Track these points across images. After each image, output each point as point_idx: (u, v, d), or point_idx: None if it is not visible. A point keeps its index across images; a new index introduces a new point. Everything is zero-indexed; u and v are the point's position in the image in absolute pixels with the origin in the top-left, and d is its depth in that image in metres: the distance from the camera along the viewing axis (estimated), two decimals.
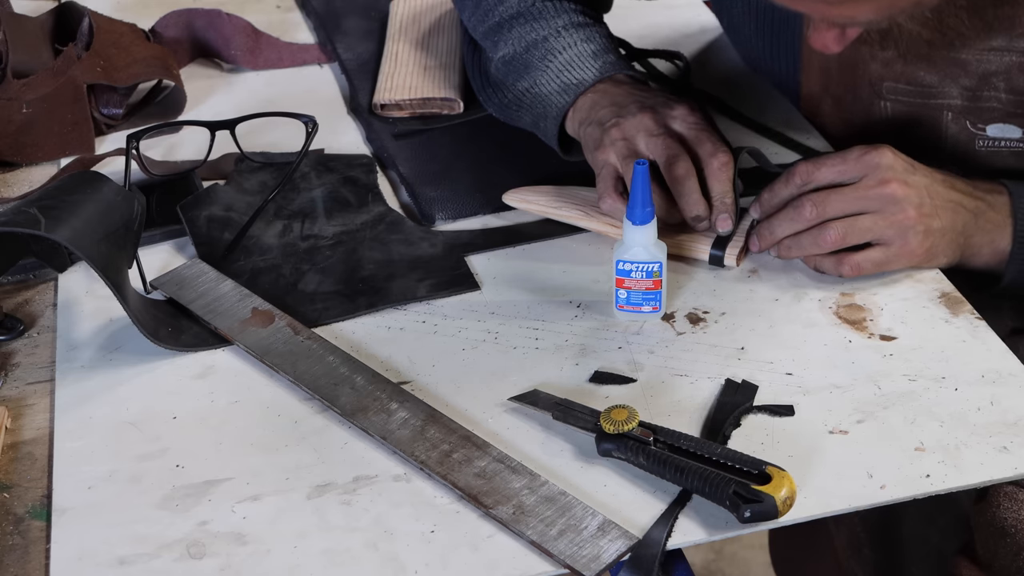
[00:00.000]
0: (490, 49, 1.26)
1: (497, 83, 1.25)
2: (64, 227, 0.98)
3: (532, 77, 1.19)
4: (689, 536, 0.88)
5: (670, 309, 1.07)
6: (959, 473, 0.91)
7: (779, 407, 0.97)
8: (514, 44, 1.22)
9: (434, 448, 0.94)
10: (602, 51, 1.19)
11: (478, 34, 1.29)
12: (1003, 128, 1.13)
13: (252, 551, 0.88)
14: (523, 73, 1.21)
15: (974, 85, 1.11)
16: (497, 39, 1.24)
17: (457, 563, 0.87)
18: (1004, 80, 1.10)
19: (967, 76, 1.11)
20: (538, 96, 1.19)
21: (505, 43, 1.23)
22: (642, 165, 1.00)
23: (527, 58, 1.21)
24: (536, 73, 1.19)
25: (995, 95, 1.11)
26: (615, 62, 1.18)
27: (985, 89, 1.11)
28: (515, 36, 1.22)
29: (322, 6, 1.55)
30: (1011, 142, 1.13)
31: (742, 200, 1.11)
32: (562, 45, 1.19)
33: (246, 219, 1.17)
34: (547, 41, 1.20)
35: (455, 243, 1.15)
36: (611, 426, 0.92)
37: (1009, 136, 1.13)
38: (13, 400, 1.02)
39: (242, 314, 1.07)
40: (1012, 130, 1.12)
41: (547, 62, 1.19)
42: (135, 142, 1.20)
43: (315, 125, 1.24)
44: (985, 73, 1.10)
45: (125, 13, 1.48)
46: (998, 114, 1.12)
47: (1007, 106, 1.11)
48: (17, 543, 0.90)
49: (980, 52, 1.09)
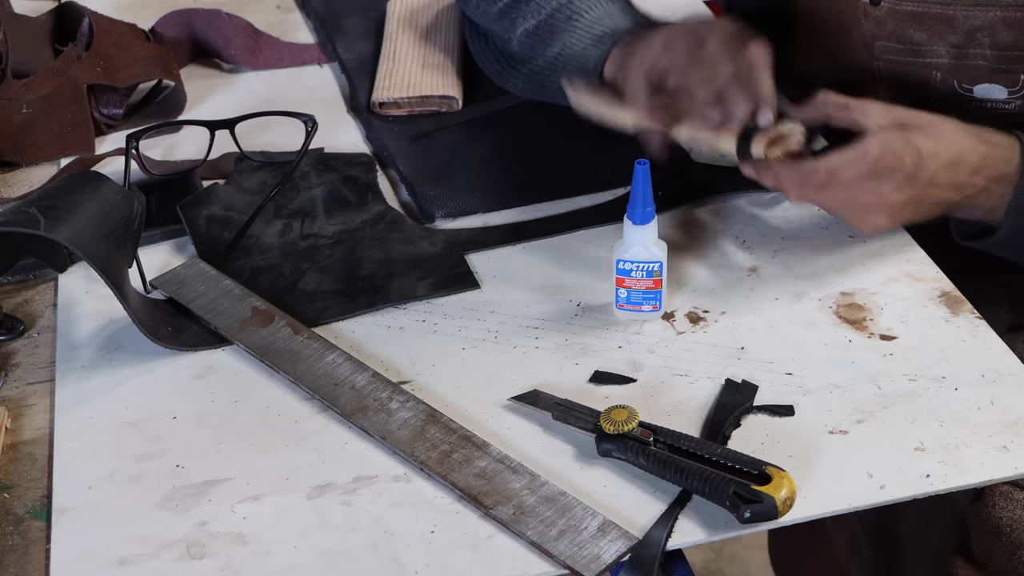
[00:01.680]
0: (507, 29, 1.25)
1: (524, 58, 1.24)
2: (64, 227, 0.98)
3: (560, 40, 1.19)
4: (689, 536, 0.88)
5: (670, 308, 1.07)
6: (959, 473, 0.91)
7: (779, 407, 0.97)
8: (534, 15, 1.21)
9: (434, 448, 0.94)
10: (628, 7, 1.19)
11: (489, 18, 1.28)
12: (988, 88, 1.15)
13: (252, 551, 0.88)
14: (550, 39, 1.20)
15: (960, 42, 1.14)
16: (515, 15, 1.23)
17: (457, 563, 0.87)
18: (989, 35, 1.13)
19: (954, 32, 1.14)
20: (572, 56, 1.18)
21: (524, 17, 1.22)
22: (643, 165, 1.00)
23: (552, 23, 1.20)
24: (564, 35, 1.18)
25: (980, 52, 1.14)
26: (645, 16, 1.18)
27: (971, 46, 1.14)
28: (533, 8, 1.21)
29: (322, 6, 1.55)
30: (996, 103, 1.16)
31: None
32: (587, 5, 1.19)
33: (246, 218, 1.17)
34: (571, 4, 1.19)
35: (455, 242, 1.15)
36: (611, 426, 0.92)
37: (994, 97, 1.16)
38: (13, 400, 1.02)
39: (242, 314, 1.07)
40: (998, 90, 1.15)
41: (573, 23, 1.18)
42: (135, 142, 1.20)
43: (315, 124, 1.24)
44: (971, 28, 1.13)
45: (125, 13, 1.47)
46: (983, 72, 1.14)
47: (991, 62, 1.14)
48: (17, 543, 0.90)
49: (967, 7, 1.12)
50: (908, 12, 1.15)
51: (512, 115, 1.30)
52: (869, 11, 1.17)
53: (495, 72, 1.30)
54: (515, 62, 1.26)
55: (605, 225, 1.15)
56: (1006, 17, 1.12)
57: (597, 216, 1.17)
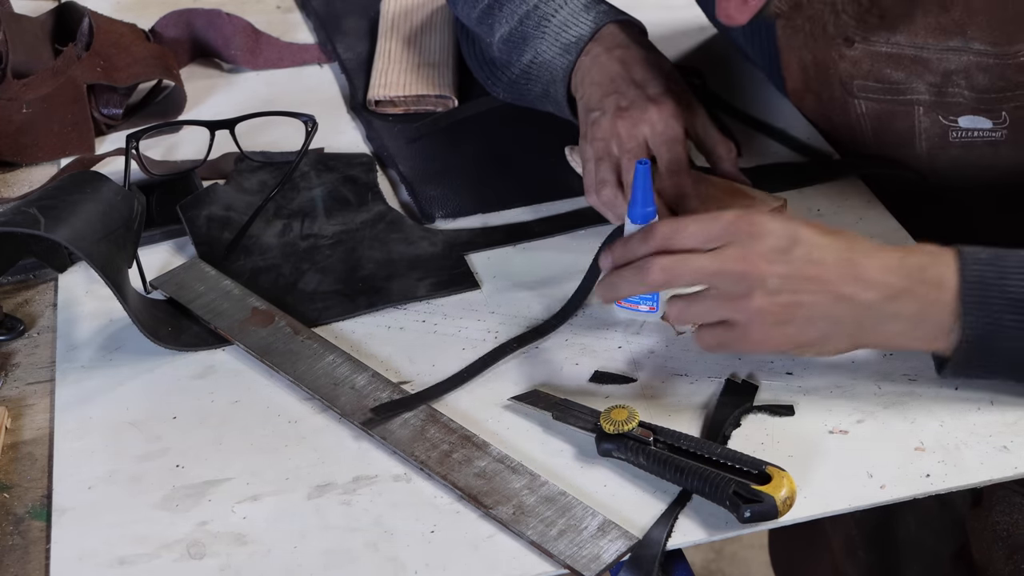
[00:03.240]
0: (487, 33, 1.26)
1: (503, 64, 1.25)
2: (64, 227, 0.98)
3: (533, 47, 1.19)
4: (689, 536, 0.88)
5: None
6: (959, 473, 0.91)
7: (779, 407, 0.97)
8: (507, 20, 1.22)
9: (434, 448, 0.94)
10: (592, 3, 1.19)
11: (472, 22, 1.29)
12: (973, 120, 1.11)
13: (252, 551, 0.88)
14: (523, 46, 1.20)
15: (938, 82, 1.11)
16: (492, 21, 1.24)
17: (457, 563, 0.87)
18: (964, 78, 1.09)
19: (931, 73, 1.11)
20: (543, 64, 1.18)
21: (499, 22, 1.23)
22: (644, 165, 1.00)
23: (523, 30, 1.21)
24: (535, 42, 1.19)
25: (959, 91, 1.10)
26: (607, 11, 1.18)
27: (949, 86, 1.10)
28: (507, 12, 1.22)
29: (322, 6, 1.55)
30: (983, 132, 1.12)
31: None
32: (553, 8, 1.19)
33: (246, 219, 1.17)
34: (538, 9, 1.20)
35: (455, 242, 1.15)
36: (611, 426, 0.92)
37: (980, 127, 1.12)
38: (13, 400, 1.02)
39: (242, 314, 1.07)
40: (982, 121, 1.11)
41: (543, 28, 1.19)
42: (135, 142, 1.20)
43: (315, 124, 1.24)
44: (947, 71, 1.10)
45: (125, 13, 1.48)
46: (966, 108, 1.11)
47: (971, 102, 1.10)
48: (17, 543, 0.90)
49: (939, 52, 1.09)
50: (883, 53, 1.11)
51: (512, 115, 1.30)
52: (844, 52, 1.14)
53: (483, 78, 1.30)
54: (496, 68, 1.26)
55: (605, 225, 1.15)
56: (979, 62, 1.07)
57: (597, 216, 1.17)
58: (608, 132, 1.09)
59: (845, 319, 0.91)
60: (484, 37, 1.27)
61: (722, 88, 1.35)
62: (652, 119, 1.09)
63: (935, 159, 1.15)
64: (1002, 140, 1.12)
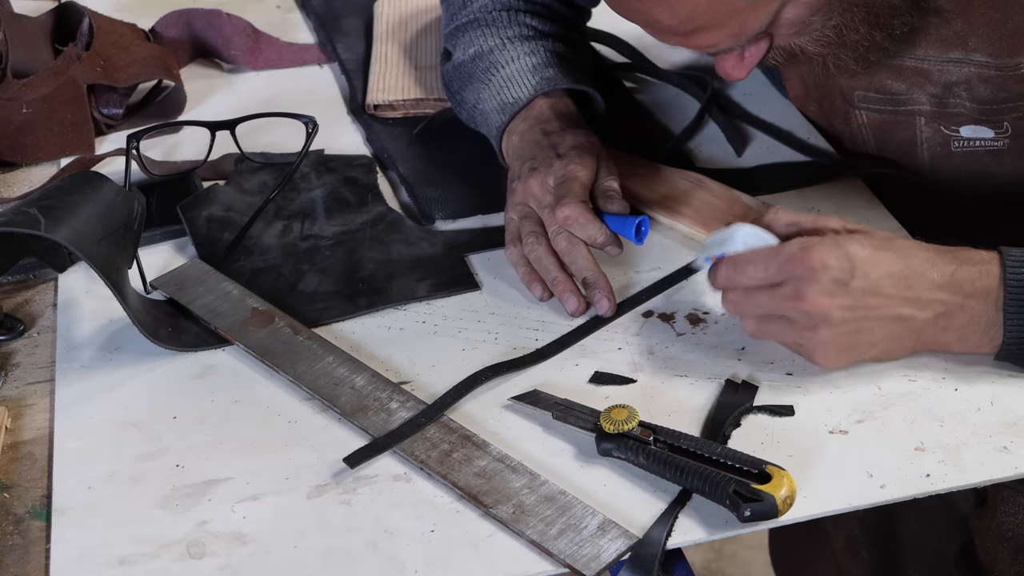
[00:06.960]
0: (450, 51, 1.26)
1: (452, 90, 1.26)
2: (64, 227, 0.98)
3: (476, 91, 1.21)
4: (689, 536, 0.88)
5: (671, 309, 1.07)
6: (959, 473, 0.91)
7: (779, 407, 0.97)
8: (464, 50, 1.23)
9: (434, 448, 0.94)
10: (542, 65, 1.19)
11: (443, 36, 1.29)
12: (975, 129, 1.12)
13: (252, 551, 0.88)
14: (467, 83, 1.22)
15: (940, 92, 1.11)
16: (455, 43, 1.26)
17: (457, 563, 0.87)
18: (966, 89, 1.09)
19: (932, 84, 1.11)
20: (483, 112, 1.20)
21: (457, 48, 1.25)
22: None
23: (471, 68, 1.22)
24: (480, 87, 1.20)
25: (960, 102, 1.10)
26: (552, 77, 1.18)
27: (950, 96, 1.10)
28: (466, 42, 1.24)
29: (322, 6, 1.55)
30: (985, 141, 1.12)
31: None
32: (506, 59, 1.20)
33: (246, 219, 1.17)
34: (492, 53, 1.21)
35: (455, 243, 1.15)
36: (611, 426, 0.92)
37: (982, 136, 1.12)
38: (13, 400, 1.02)
39: (242, 314, 1.07)
40: (984, 131, 1.12)
41: (490, 76, 1.20)
42: (135, 142, 1.20)
43: (315, 125, 1.24)
44: (947, 82, 1.10)
45: (125, 13, 1.48)
46: (967, 119, 1.11)
47: (972, 112, 1.10)
48: (17, 543, 0.90)
49: (940, 63, 1.09)
50: (883, 65, 1.10)
51: None
52: None
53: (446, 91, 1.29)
54: (450, 91, 1.27)
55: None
56: (980, 74, 1.08)
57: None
58: (523, 195, 1.11)
59: (903, 336, 0.96)
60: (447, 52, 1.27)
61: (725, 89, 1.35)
62: (555, 168, 1.10)
63: (937, 168, 1.15)
64: (1004, 149, 1.12)
